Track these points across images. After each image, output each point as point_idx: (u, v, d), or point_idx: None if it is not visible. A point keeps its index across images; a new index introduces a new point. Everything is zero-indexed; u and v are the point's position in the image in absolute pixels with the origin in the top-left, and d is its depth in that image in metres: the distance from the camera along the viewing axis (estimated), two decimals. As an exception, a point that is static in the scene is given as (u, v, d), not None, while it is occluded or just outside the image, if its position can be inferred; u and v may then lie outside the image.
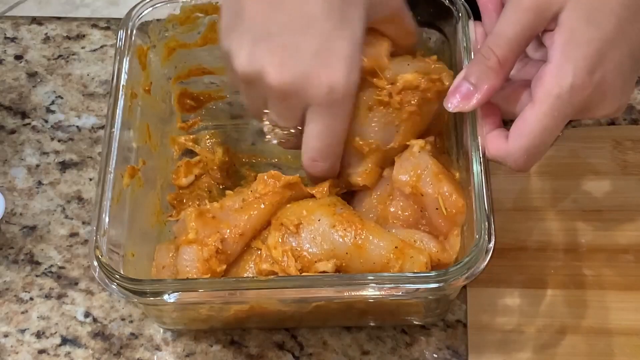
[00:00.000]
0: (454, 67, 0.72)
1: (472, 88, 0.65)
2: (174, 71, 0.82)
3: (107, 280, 0.65)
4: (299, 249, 0.67)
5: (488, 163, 0.66)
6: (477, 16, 0.72)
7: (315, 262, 0.67)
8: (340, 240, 0.67)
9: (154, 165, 0.78)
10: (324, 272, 0.66)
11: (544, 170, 0.80)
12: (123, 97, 0.73)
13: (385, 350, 0.73)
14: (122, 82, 0.74)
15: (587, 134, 0.83)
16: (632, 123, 0.85)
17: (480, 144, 0.67)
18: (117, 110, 0.72)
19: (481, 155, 0.66)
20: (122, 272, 0.66)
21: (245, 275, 0.69)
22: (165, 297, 0.64)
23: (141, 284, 0.65)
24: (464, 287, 0.75)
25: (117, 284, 0.65)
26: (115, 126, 0.72)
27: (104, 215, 0.67)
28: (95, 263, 0.65)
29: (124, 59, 0.75)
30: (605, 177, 0.80)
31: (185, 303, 0.67)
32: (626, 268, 0.75)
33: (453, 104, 0.66)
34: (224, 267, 0.69)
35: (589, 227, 0.77)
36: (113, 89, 0.73)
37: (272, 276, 0.67)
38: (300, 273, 0.67)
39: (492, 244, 0.64)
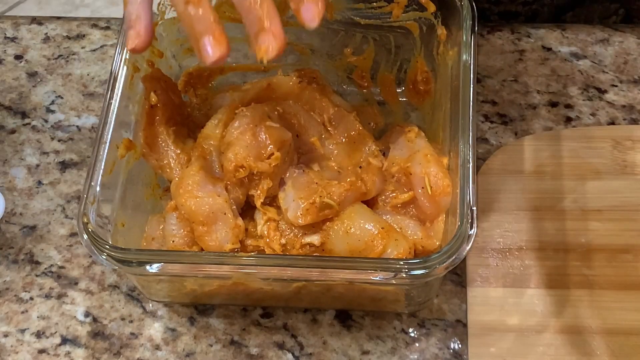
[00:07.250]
0: (458, 63, 0.73)
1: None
2: (180, 49, 0.82)
3: (93, 248, 0.66)
4: (285, 224, 0.69)
5: (476, 156, 0.67)
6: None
7: (301, 235, 0.68)
8: (329, 219, 0.69)
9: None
10: (310, 243, 0.68)
11: (544, 170, 0.80)
12: (125, 69, 0.73)
13: (385, 350, 0.73)
14: (125, 55, 0.74)
15: (587, 134, 0.83)
16: (632, 123, 0.85)
17: (471, 137, 0.67)
18: (118, 82, 0.72)
19: (470, 148, 0.67)
20: (109, 241, 0.66)
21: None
22: (148, 267, 0.65)
23: (126, 253, 0.66)
24: (464, 286, 0.75)
25: (105, 253, 0.65)
26: (115, 97, 0.72)
27: (94, 184, 0.68)
28: (83, 230, 0.66)
29: None
30: (605, 177, 0.80)
31: (167, 274, 0.68)
32: (626, 268, 0.75)
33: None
34: None
35: (589, 227, 0.77)
36: (115, 61, 0.73)
37: (253, 253, 0.69)
38: (284, 247, 0.68)
39: (473, 231, 0.64)
